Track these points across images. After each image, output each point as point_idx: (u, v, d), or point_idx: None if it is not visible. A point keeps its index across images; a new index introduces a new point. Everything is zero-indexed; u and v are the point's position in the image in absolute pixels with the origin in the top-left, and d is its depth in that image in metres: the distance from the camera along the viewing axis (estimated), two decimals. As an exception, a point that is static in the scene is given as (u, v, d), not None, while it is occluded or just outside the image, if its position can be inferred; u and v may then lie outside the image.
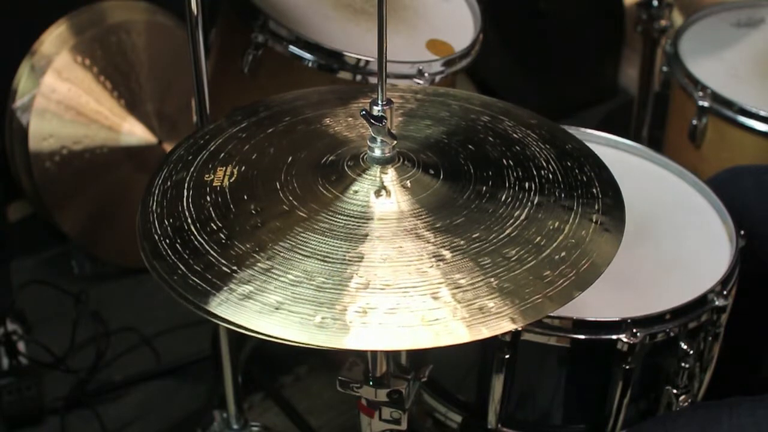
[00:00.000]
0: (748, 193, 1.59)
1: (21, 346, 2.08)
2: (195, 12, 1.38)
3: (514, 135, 1.22)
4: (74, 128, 2.23)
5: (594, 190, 1.13)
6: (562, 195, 1.11)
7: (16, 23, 2.22)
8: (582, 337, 1.32)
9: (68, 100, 2.22)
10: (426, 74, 1.64)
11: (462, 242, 1.03)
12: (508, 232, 1.05)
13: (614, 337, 1.31)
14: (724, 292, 1.37)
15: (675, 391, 1.39)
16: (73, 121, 2.23)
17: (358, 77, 1.62)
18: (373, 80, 1.60)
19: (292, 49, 1.63)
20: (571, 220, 1.08)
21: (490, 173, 1.13)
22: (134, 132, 2.29)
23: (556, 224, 1.07)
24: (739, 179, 1.63)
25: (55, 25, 2.24)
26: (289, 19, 1.66)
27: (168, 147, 2.32)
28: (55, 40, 2.23)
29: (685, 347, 1.36)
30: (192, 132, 1.25)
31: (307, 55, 1.62)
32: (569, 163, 1.17)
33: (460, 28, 1.81)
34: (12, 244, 2.29)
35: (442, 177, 1.12)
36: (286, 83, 1.68)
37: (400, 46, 1.70)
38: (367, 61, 1.61)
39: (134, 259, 1.57)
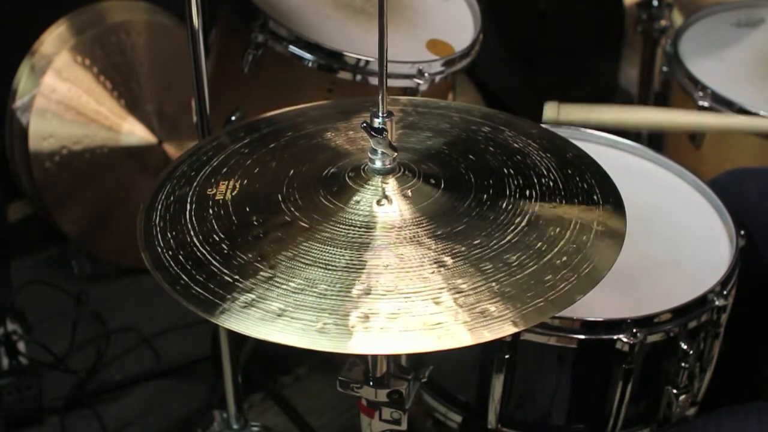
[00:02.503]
0: (750, 196, 1.58)
1: (21, 346, 2.08)
2: (195, 12, 1.38)
3: (515, 145, 1.22)
4: (74, 128, 2.23)
5: (595, 197, 1.14)
6: (563, 202, 1.12)
7: (16, 23, 2.22)
8: (582, 337, 1.32)
9: (68, 100, 2.22)
10: (426, 74, 1.64)
11: (463, 248, 1.03)
12: (509, 238, 1.05)
13: (614, 337, 1.31)
14: (724, 292, 1.37)
15: (675, 391, 1.39)
16: (73, 121, 2.23)
17: (358, 77, 1.62)
18: (373, 80, 1.60)
19: (292, 49, 1.63)
20: (572, 226, 1.08)
21: (491, 182, 1.14)
22: (134, 132, 2.29)
23: (557, 230, 1.07)
24: (741, 182, 1.63)
25: (55, 25, 2.24)
26: (289, 19, 1.66)
27: (168, 147, 2.32)
28: (55, 40, 2.23)
29: (685, 347, 1.36)
30: (194, 136, 1.26)
31: (307, 55, 1.62)
32: (570, 171, 1.18)
33: (460, 28, 1.82)
34: (12, 244, 2.29)
35: (443, 186, 1.12)
36: (286, 83, 1.68)
37: (400, 46, 1.70)
38: (367, 61, 1.61)
39: (134, 259, 1.57)
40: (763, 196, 1.60)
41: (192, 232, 1.07)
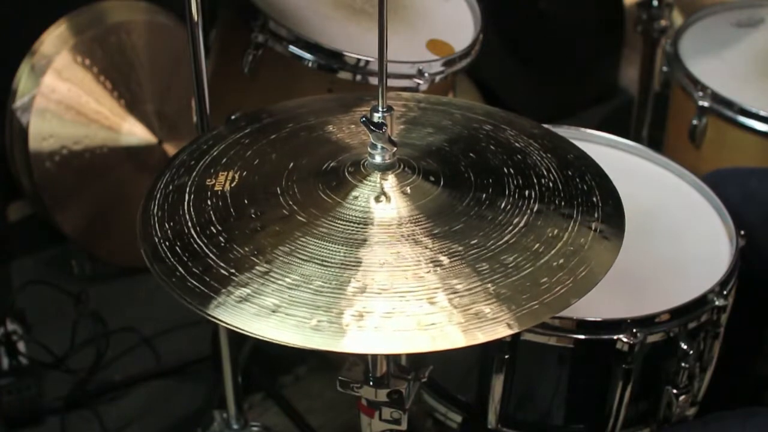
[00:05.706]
0: (733, 197, 1.57)
1: (21, 346, 2.08)
2: (195, 12, 1.38)
3: (516, 144, 1.22)
4: (74, 128, 2.23)
5: (594, 199, 1.13)
6: (562, 203, 1.12)
7: (16, 23, 2.22)
8: (582, 337, 1.32)
9: (68, 100, 2.22)
10: (426, 74, 1.63)
11: (460, 248, 1.03)
12: (506, 238, 1.05)
13: (614, 337, 1.31)
14: (724, 292, 1.37)
15: (675, 391, 1.39)
16: (73, 121, 2.23)
17: (358, 77, 1.62)
18: (374, 80, 1.60)
19: (292, 49, 1.63)
20: (570, 228, 1.08)
21: (491, 181, 1.14)
22: (134, 132, 2.29)
23: (555, 231, 1.07)
24: (724, 183, 1.61)
25: (55, 25, 2.24)
26: (289, 19, 1.66)
27: (168, 147, 2.32)
28: (55, 40, 2.23)
29: (685, 347, 1.36)
30: (194, 136, 1.26)
31: (307, 55, 1.62)
32: (570, 172, 1.17)
33: (460, 28, 1.81)
34: (12, 244, 2.29)
35: (442, 184, 1.12)
36: (286, 83, 1.68)
37: (400, 46, 1.70)
38: (367, 61, 1.61)
39: (134, 259, 1.56)
40: (745, 198, 1.59)
41: (190, 223, 1.07)
